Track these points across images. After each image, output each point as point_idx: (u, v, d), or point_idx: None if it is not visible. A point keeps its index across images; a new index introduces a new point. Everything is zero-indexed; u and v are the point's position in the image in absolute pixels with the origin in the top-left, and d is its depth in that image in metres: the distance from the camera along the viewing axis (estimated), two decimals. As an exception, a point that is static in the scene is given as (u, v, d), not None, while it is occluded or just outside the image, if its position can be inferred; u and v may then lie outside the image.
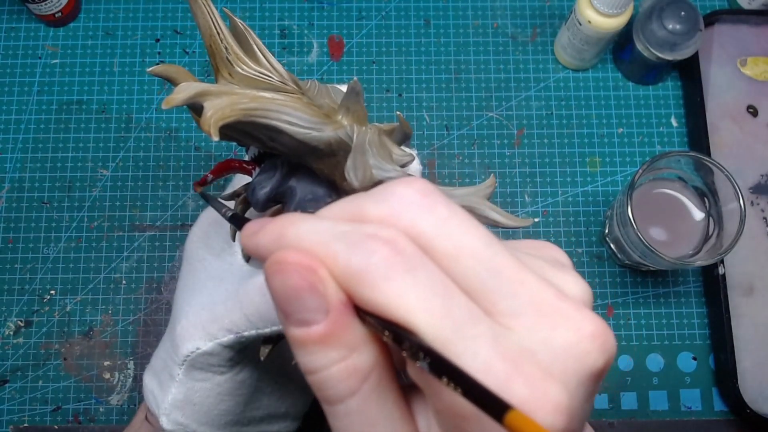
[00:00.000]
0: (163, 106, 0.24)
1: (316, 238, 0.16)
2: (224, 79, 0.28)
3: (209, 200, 0.30)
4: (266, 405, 0.36)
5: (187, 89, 0.25)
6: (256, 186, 0.30)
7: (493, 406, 0.13)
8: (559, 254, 0.19)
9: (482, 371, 0.14)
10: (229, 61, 0.28)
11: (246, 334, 0.30)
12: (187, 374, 0.31)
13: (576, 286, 0.17)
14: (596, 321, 0.16)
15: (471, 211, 0.29)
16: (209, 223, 0.36)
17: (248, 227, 0.18)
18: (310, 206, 0.30)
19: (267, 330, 0.29)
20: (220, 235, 0.34)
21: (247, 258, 0.33)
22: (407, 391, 0.18)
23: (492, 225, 0.29)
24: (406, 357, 0.15)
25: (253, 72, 0.28)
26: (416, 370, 0.16)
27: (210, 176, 0.30)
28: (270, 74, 0.28)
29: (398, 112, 0.29)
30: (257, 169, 0.31)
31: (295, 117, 0.26)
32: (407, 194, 0.16)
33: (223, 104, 0.25)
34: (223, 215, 0.29)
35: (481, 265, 0.16)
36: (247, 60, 0.28)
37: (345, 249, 0.15)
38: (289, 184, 0.30)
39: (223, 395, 0.32)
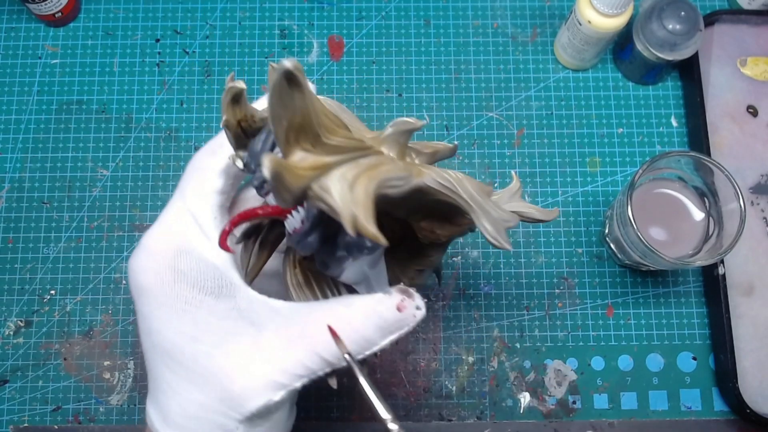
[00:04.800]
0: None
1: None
2: (303, 151, 0.25)
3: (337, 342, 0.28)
4: None
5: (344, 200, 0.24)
6: (305, 235, 0.28)
7: None
8: None
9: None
10: (318, 134, 0.25)
11: (320, 372, 0.28)
12: (249, 425, 0.29)
13: None
14: None
15: (520, 215, 0.32)
16: (175, 255, 0.31)
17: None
18: (355, 248, 0.29)
19: (342, 364, 0.28)
20: (203, 272, 0.30)
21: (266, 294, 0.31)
22: None
23: (533, 221, 0.33)
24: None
25: (339, 139, 0.26)
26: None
27: (230, 226, 0.28)
28: (349, 136, 0.26)
29: (450, 144, 0.30)
30: (296, 211, 0.28)
31: (395, 179, 0.25)
32: None
33: (359, 198, 0.24)
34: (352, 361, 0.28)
35: None
36: (334, 128, 0.26)
37: None
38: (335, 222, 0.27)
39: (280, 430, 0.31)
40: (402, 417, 0.50)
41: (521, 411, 0.50)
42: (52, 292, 0.52)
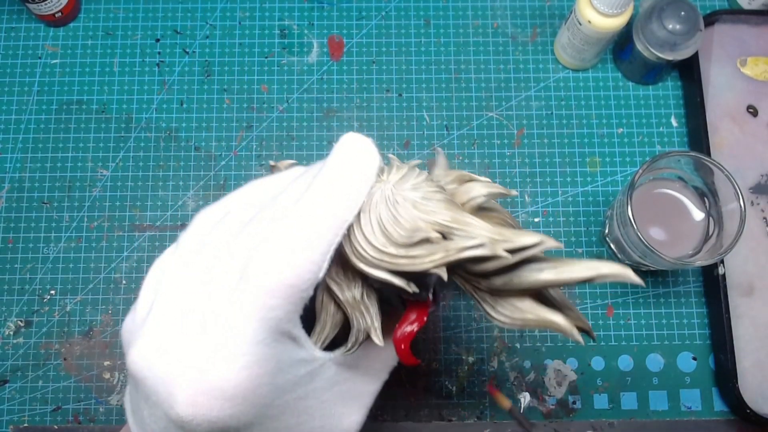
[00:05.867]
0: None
1: None
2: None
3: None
4: None
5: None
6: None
7: None
8: None
9: None
10: None
11: None
12: None
13: None
14: None
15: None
16: (271, 380, 0.27)
17: None
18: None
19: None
20: (297, 374, 0.29)
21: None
22: None
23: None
24: None
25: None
26: None
27: (408, 349, 0.33)
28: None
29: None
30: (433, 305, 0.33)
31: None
32: None
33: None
34: None
35: None
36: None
37: None
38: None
39: None
40: (402, 417, 0.50)
41: (521, 411, 0.50)
42: (52, 292, 0.52)
